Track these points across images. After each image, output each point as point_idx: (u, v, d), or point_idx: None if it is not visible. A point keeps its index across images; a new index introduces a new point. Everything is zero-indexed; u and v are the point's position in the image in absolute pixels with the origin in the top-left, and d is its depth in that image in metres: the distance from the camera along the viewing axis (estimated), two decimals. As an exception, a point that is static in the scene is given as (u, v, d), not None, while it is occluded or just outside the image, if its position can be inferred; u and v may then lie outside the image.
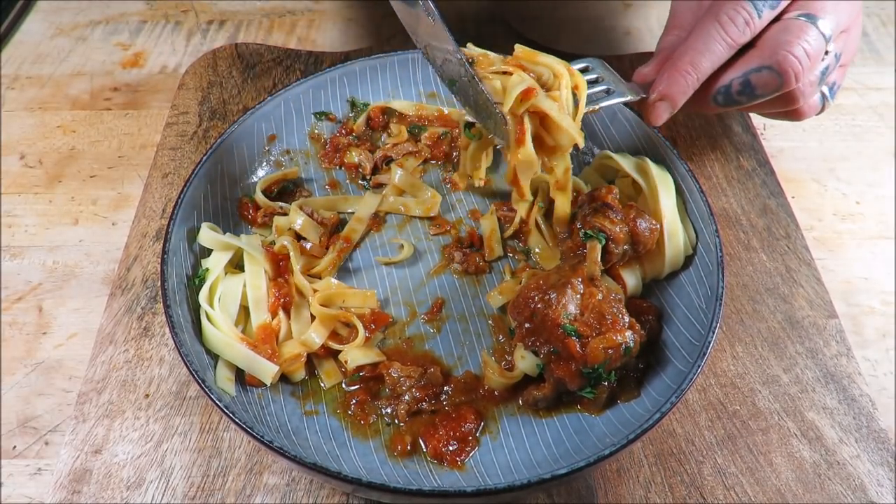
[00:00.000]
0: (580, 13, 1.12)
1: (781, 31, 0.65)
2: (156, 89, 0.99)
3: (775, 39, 0.65)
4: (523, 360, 0.64)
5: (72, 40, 1.06)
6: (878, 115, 0.96)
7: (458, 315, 0.71)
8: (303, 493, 0.62)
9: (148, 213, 0.80)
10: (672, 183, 0.71)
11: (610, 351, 0.59)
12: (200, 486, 0.61)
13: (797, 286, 0.75)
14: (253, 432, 0.54)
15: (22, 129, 0.93)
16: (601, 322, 0.61)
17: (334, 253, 0.73)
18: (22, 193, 0.86)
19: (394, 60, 0.83)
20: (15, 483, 0.63)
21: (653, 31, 1.10)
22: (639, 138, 0.77)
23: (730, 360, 0.70)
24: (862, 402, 0.67)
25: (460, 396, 0.65)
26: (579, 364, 0.60)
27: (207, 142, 0.88)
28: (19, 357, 0.71)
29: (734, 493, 0.62)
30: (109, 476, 0.62)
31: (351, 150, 0.81)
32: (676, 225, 0.68)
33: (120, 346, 0.70)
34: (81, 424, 0.65)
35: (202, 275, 0.67)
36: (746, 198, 0.83)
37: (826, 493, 0.62)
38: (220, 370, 0.63)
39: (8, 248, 0.80)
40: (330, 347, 0.67)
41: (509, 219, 0.76)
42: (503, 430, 0.63)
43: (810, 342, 0.71)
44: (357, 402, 0.64)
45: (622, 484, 0.62)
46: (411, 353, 0.68)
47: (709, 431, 0.65)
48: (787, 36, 0.64)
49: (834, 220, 0.84)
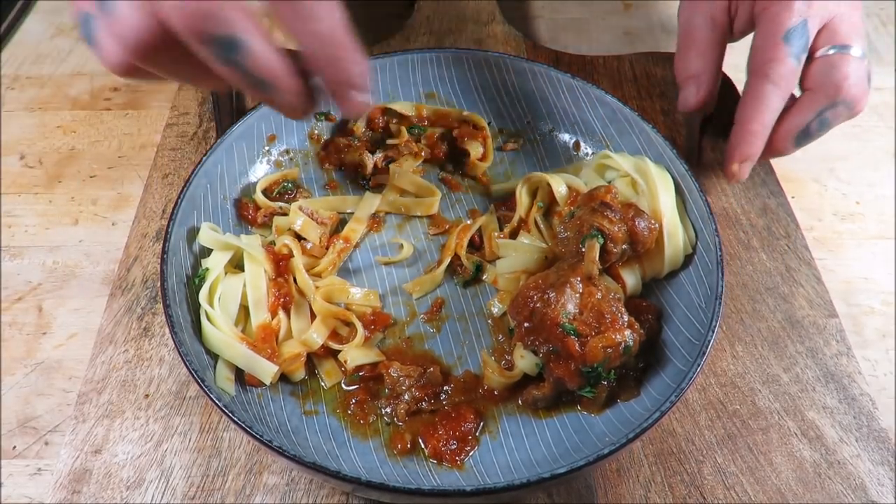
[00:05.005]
0: (580, 13, 1.12)
1: (831, 70, 0.71)
2: (156, 89, 0.99)
3: (830, 79, 0.70)
4: (523, 360, 0.64)
5: (72, 40, 1.06)
6: (878, 115, 0.96)
7: (457, 315, 0.71)
8: (302, 493, 0.62)
9: (148, 214, 0.80)
10: (671, 182, 0.71)
11: (609, 350, 0.59)
12: (200, 486, 0.62)
13: (797, 286, 0.75)
14: (252, 432, 0.54)
15: (22, 129, 0.93)
16: (600, 321, 0.61)
17: (334, 253, 0.73)
18: (22, 193, 0.86)
19: (394, 61, 0.83)
20: (15, 483, 0.63)
21: (653, 31, 1.10)
22: (638, 138, 0.77)
23: (730, 359, 0.70)
24: (862, 402, 0.67)
25: (460, 396, 0.65)
26: (578, 363, 0.60)
27: (207, 142, 0.88)
28: (19, 357, 0.71)
29: (734, 492, 0.62)
30: (109, 476, 0.62)
31: (351, 150, 0.81)
32: (676, 224, 0.68)
33: (120, 346, 0.70)
34: (81, 424, 0.65)
35: (202, 275, 0.67)
36: (746, 197, 0.83)
37: (826, 493, 0.62)
38: (219, 370, 0.63)
39: (8, 248, 0.80)
40: (330, 347, 0.67)
41: (508, 218, 0.76)
42: (503, 430, 0.63)
43: (810, 341, 0.71)
44: (357, 401, 0.64)
45: (622, 483, 0.62)
46: (411, 353, 0.68)
47: (709, 431, 0.65)
48: (839, 74, 0.70)
49: (834, 220, 0.84)
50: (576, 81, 0.80)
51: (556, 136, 0.84)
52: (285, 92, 0.50)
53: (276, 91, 0.50)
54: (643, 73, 0.97)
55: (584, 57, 0.99)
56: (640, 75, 0.97)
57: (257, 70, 0.48)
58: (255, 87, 0.50)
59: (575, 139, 0.83)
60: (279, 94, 0.50)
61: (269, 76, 0.49)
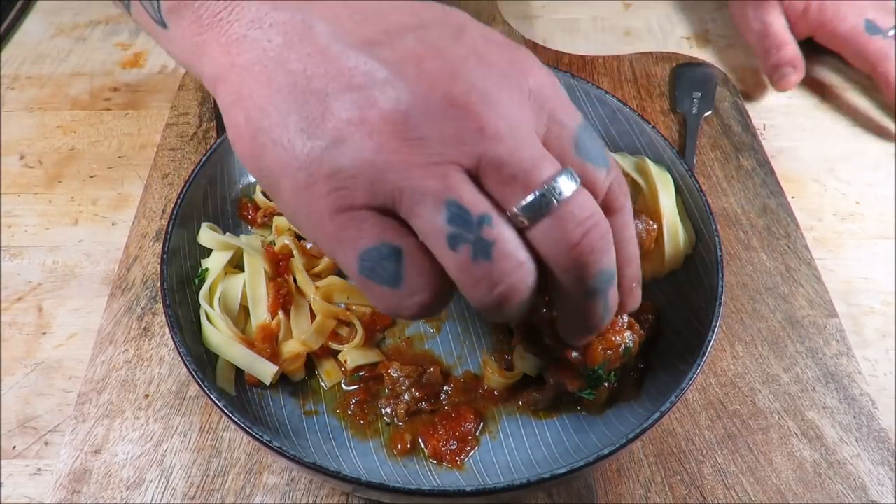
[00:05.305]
0: (580, 13, 1.12)
1: None
2: (156, 89, 0.99)
3: None
4: (522, 360, 0.64)
5: (72, 40, 1.06)
6: (879, 115, 0.96)
7: (457, 315, 0.71)
8: (302, 493, 0.62)
9: (148, 214, 0.80)
10: (671, 182, 0.71)
11: (609, 352, 0.59)
12: (200, 486, 0.62)
13: (797, 286, 0.75)
14: (252, 432, 0.54)
15: (22, 129, 0.93)
16: None
17: (334, 253, 0.73)
18: (22, 193, 0.86)
19: (393, 60, 0.83)
20: (15, 483, 0.63)
21: (653, 31, 1.10)
22: (638, 138, 0.77)
23: (730, 359, 0.70)
24: (862, 402, 0.67)
25: (460, 396, 0.65)
26: (579, 366, 0.60)
27: (207, 142, 0.88)
28: (19, 357, 0.71)
29: (734, 492, 0.62)
30: (109, 476, 0.62)
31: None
32: (676, 224, 0.68)
33: (120, 346, 0.70)
34: (81, 424, 0.65)
35: (202, 275, 0.67)
36: (746, 197, 0.83)
37: (826, 493, 0.62)
38: (219, 370, 0.63)
39: (8, 248, 0.80)
40: (330, 347, 0.67)
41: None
42: (503, 430, 0.63)
43: (810, 341, 0.71)
44: (357, 401, 0.64)
45: (622, 483, 0.62)
46: (411, 353, 0.68)
47: (709, 431, 0.65)
48: None
49: (834, 220, 0.84)
50: (576, 81, 0.80)
51: (556, 136, 0.83)
52: None
53: None
54: (643, 73, 0.97)
55: (584, 57, 0.99)
56: (640, 75, 0.97)
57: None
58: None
59: (575, 139, 0.82)
60: None
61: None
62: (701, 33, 1.09)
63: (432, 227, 0.37)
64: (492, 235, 0.37)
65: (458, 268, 0.38)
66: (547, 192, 0.38)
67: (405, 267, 0.39)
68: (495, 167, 0.38)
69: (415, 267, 0.39)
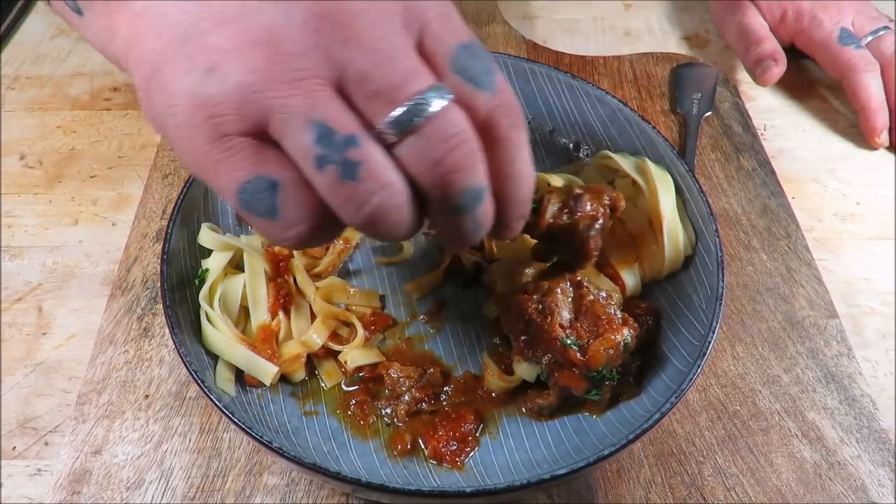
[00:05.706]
0: (580, 13, 1.12)
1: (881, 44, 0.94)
2: (156, 90, 0.98)
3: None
4: (521, 366, 0.63)
5: (72, 40, 1.06)
6: (879, 115, 0.96)
7: (457, 316, 0.71)
8: (302, 494, 0.61)
9: (148, 214, 0.80)
10: (672, 183, 0.71)
11: (610, 351, 0.59)
12: (200, 487, 0.61)
13: (797, 286, 0.75)
14: (252, 433, 0.54)
15: (22, 130, 0.93)
16: (597, 323, 0.61)
17: (334, 254, 0.73)
18: (22, 194, 0.86)
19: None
20: (15, 484, 0.63)
21: (653, 30, 1.10)
22: (638, 138, 0.76)
23: (730, 360, 0.70)
24: (863, 403, 0.67)
25: (460, 397, 0.65)
26: (583, 369, 0.59)
27: (207, 142, 0.88)
28: (19, 357, 0.71)
29: (735, 493, 0.62)
30: (109, 477, 0.62)
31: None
32: (676, 225, 0.68)
33: (120, 346, 0.70)
34: (81, 425, 0.65)
35: (202, 275, 0.67)
36: (746, 198, 0.83)
37: (827, 494, 0.62)
38: (219, 371, 0.63)
39: (8, 249, 0.80)
40: (330, 348, 0.67)
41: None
42: (503, 431, 0.63)
43: (811, 342, 0.71)
44: (357, 402, 0.64)
45: (622, 484, 0.62)
46: (411, 354, 0.68)
47: (709, 432, 0.65)
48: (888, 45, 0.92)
49: (834, 220, 0.84)
50: (576, 82, 0.79)
51: (557, 136, 0.83)
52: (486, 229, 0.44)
53: (482, 231, 0.43)
54: (643, 73, 0.97)
55: (584, 57, 0.99)
56: (640, 75, 0.97)
57: (485, 216, 0.42)
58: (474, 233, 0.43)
59: (575, 139, 0.82)
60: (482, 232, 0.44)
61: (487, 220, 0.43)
62: (701, 33, 1.09)
63: (300, 148, 0.37)
64: (358, 155, 0.37)
65: (326, 188, 0.38)
66: (413, 108, 0.37)
67: (280, 199, 0.38)
68: (360, 80, 0.37)
69: (290, 199, 0.38)
